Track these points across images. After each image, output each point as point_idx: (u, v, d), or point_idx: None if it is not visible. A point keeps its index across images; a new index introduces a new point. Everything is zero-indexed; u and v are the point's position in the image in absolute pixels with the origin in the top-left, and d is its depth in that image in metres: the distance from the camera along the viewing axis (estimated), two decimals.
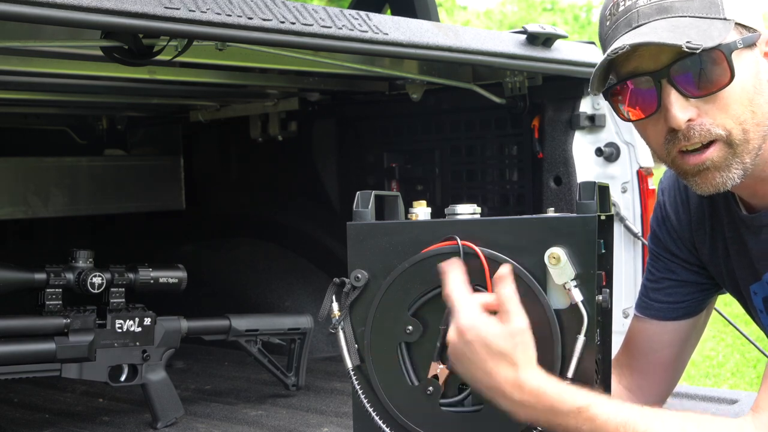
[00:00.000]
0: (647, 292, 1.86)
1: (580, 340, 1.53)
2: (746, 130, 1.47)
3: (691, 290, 1.83)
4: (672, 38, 1.42)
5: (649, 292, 1.86)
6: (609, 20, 1.55)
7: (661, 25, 1.45)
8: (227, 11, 1.71)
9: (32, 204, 3.58)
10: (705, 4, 1.46)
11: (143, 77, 2.56)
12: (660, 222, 1.84)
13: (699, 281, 1.82)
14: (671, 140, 1.50)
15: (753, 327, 1.95)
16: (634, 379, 1.87)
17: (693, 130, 1.47)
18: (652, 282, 1.85)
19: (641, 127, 1.58)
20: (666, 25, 1.45)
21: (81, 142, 3.89)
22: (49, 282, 2.06)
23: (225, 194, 3.83)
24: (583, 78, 2.57)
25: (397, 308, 1.65)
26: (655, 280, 1.85)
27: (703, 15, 1.46)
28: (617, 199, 2.60)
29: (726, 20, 1.45)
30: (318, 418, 2.30)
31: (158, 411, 2.22)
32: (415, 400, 1.63)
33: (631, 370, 1.87)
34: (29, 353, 2.05)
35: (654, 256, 1.86)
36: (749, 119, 1.47)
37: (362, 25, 1.96)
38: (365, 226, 1.68)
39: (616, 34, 1.51)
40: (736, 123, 1.47)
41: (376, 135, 3.26)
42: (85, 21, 1.52)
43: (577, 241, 1.53)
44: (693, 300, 1.83)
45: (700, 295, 1.83)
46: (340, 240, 1.80)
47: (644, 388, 1.87)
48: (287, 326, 2.48)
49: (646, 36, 1.44)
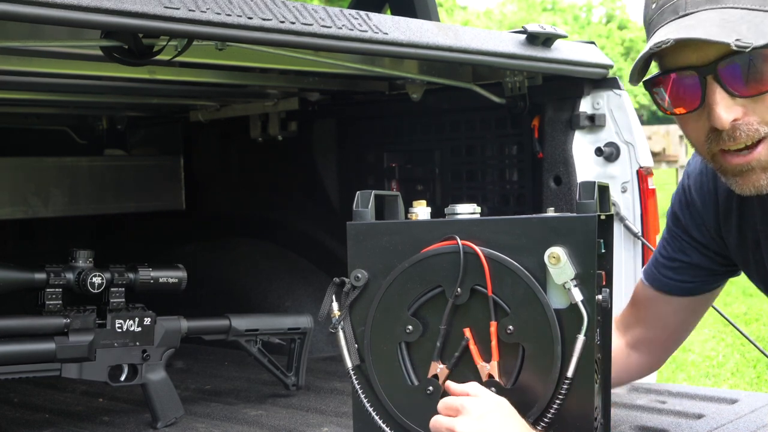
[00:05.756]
0: (658, 266, 1.87)
1: (580, 339, 1.53)
2: None
3: (702, 274, 1.84)
4: (720, 35, 1.33)
5: (659, 266, 1.87)
6: (655, 3, 1.46)
7: (710, 18, 1.36)
8: (227, 11, 1.71)
9: (32, 204, 3.58)
10: None
11: (143, 77, 2.56)
12: (683, 206, 1.81)
13: (711, 267, 1.82)
14: (714, 139, 1.44)
15: (753, 327, 1.96)
16: (637, 337, 1.92)
17: (739, 131, 1.39)
18: (665, 258, 1.86)
19: (682, 121, 1.51)
20: (715, 18, 1.36)
21: (81, 142, 3.89)
22: (49, 282, 2.06)
23: (225, 194, 3.83)
24: (584, 78, 2.57)
25: (397, 308, 1.65)
26: (668, 257, 1.85)
27: (757, 7, 1.36)
28: (617, 199, 2.60)
29: None
30: (318, 418, 2.30)
31: (158, 411, 2.22)
32: (415, 399, 1.63)
33: (635, 329, 1.92)
34: (29, 353, 2.05)
35: (672, 234, 1.85)
36: None
37: (362, 24, 1.96)
38: (365, 226, 1.68)
39: (661, 20, 1.43)
40: None
41: (376, 135, 3.26)
42: (85, 21, 1.52)
43: (577, 240, 1.53)
44: (702, 282, 1.84)
45: (710, 278, 1.84)
46: (340, 240, 1.80)
47: (646, 348, 1.93)
48: (287, 326, 2.48)
49: (693, 30, 1.35)
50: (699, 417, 2.19)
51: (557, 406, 1.55)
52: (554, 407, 1.55)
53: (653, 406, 2.31)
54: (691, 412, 2.23)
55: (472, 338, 1.60)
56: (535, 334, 1.56)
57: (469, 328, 1.61)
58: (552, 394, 1.55)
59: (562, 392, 1.54)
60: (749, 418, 2.18)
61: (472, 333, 1.60)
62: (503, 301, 1.58)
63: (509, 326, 1.57)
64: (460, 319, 1.62)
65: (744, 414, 2.20)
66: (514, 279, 1.57)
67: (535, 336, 1.56)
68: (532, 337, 1.57)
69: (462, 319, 1.62)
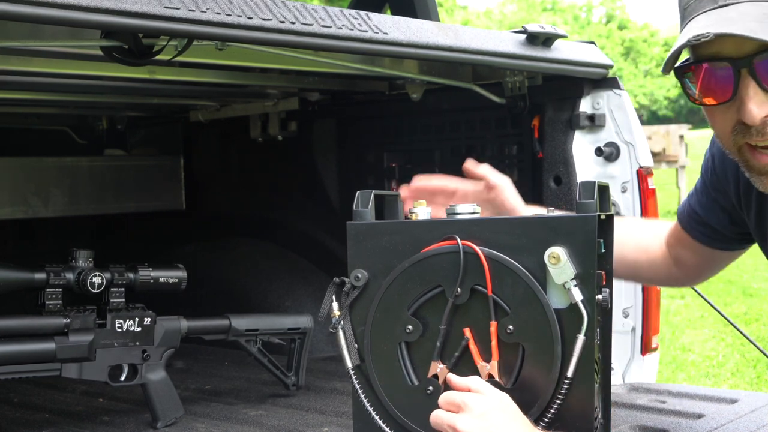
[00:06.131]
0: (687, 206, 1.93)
1: (580, 339, 1.53)
2: None
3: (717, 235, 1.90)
4: (761, 31, 1.31)
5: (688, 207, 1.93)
6: None
7: (750, 12, 1.34)
8: (227, 11, 1.71)
9: (32, 204, 3.58)
10: None
11: (143, 77, 2.56)
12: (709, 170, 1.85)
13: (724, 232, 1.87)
14: (741, 132, 1.42)
15: (753, 327, 1.98)
16: (679, 255, 1.98)
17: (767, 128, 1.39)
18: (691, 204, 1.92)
19: (709, 112, 1.49)
20: (755, 13, 1.33)
21: (81, 142, 3.89)
22: (49, 282, 2.06)
23: (225, 194, 3.83)
24: (583, 78, 2.57)
25: (397, 308, 1.65)
26: (694, 204, 1.91)
27: None
28: (617, 198, 2.60)
29: None
30: (318, 418, 2.30)
31: (158, 411, 2.22)
32: (415, 399, 1.63)
33: (677, 249, 1.98)
34: (29, 353, 2.04)
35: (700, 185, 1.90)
36: None
37: (362, 24, 1.96)
38: (365, 226, 1.68)
39: (699, 7, 1.40)
40: None
41: (376, 135, 3.26)
42: (84, 21, 1.52)
43: (577, 240, 1.53)
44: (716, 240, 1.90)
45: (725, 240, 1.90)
46: (340, 240, 1.80)
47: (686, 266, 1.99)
48: (287, 326, 2.48)
49: (733, 24, 1.33)
50: (699, 417, 2.19)
51: (557, 406, 1.55)
52: (554, 407, 1.55)
53: (653, 406, 2.31)
54: (691, 412, 2.23)
55: (472, 338, 1.60)
56: (535, 333, 1.56)
57: (469, 328, 1.61)
58: (552, 393, 1.55)
59: (562, 392, 1.54)
60: (749, 418, 2.18)
61: (472, 333, 1.60)
62: (503, 300, 1.58)
63: (509, 326, 1.57)
64: (460, 318, 1.62)
65: (744, 414, 2.20)
66: (514, 279, 1.57)
67: (535, 336, 1.56)
68: (532, 336, 1.57)
69: (462, 319, 1.62)
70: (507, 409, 1.48)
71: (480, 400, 1.47)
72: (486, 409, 1.45)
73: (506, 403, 1.49)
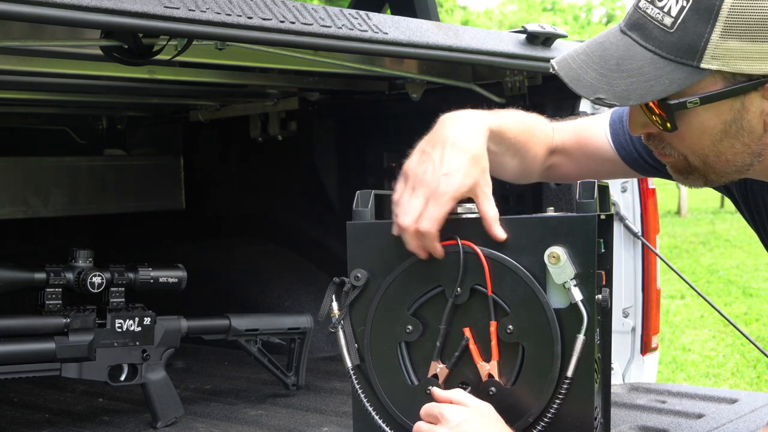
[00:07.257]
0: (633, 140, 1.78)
1: (580, 339, 1.53)
2: (708, 163, 1.39)
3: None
4: (587, 89, 1.37)
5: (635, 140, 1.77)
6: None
7: (597, 63, 1.38)
8: (227, 11, 1.71)
9: (32, 204, 3.58)
10: (681, 45, 1.28)
11: (143, 77, 2.56)
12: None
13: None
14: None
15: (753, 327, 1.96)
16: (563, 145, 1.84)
17: (649, 141, 1.46)
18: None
19: None
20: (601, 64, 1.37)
21: (81, 142, 3.89)
22: (48, 282, 2.06)
23: (225, 194, 3.83)
24: None
25: (397, 308, 1.65)
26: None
27: (671, 56, 1.29)
28: (617, 198, 2.60)
29: (697, 68, 1.27)
30: (318, 417, 2.30)
31: (158, 411, 2.22)
32: (415, 399, 1.63)
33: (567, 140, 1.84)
34: (29, 353, 2.04)
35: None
36: (711, 156, 1.38)
37: (362, 24, 1.96)
38: (365, 226, 1.68)
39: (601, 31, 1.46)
40: (694, 155, 1.40)
41: (376, 135, 3.26)
42: (84, 20, 1.52)
43: (577, 240, 1.53)
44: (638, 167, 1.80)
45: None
46: (340, 240, 1.79)
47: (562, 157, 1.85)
48: (287, 326, 2.48)
49: (571, 72, 1.41)
50: (699, 417, 2.19)
51: (557, 406, 1.55)
52: (554, 407, 1.55)
53: (653, 406, 2.31)
54: (691, 412, 2.23)
55: (472, 338, 1.60)
56: (534, 333, 1.56)
57: (468, 328, 1.61)
58: (552, 393, 1.55)
59: (562, 392, 1.54)
60: (749, 418, 2.18)
61: (472, 333, 1.60)
62: (503, 300, 1.58)
63: (509, 326, 1.58)
64: (460, 318, 1.62)
65: (744, 414, 2.20)
66: (514, 279, 1.57)
67: (534, 336, 1.56)
68: (532, 336, 1.57)
69: (462, 319, 1.62)
70: (484, 419, 1.51)
71: (456, 412, 1.50)
72: (462, 419, 1.49)
73: (484, 413, 1.52)
